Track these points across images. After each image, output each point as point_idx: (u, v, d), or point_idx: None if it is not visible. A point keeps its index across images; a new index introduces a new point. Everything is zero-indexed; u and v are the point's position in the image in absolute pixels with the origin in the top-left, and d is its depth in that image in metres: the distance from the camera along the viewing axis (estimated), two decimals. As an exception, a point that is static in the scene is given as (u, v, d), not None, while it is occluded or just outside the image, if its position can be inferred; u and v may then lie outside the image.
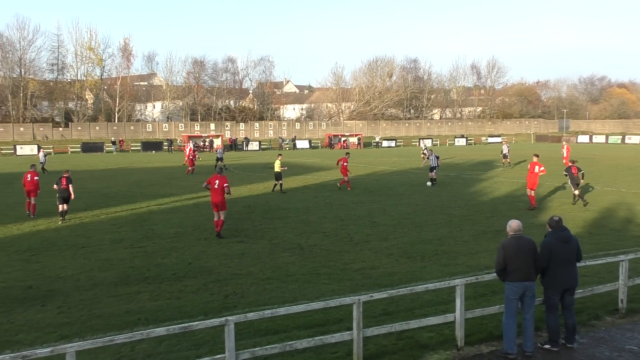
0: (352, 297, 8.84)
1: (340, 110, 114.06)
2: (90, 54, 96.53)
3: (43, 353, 7.03)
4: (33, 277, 13.79)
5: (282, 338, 9.50)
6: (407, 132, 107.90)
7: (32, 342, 9.70)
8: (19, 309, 11.49)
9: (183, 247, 17.05)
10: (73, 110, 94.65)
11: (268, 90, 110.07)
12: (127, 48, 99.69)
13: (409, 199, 27.01)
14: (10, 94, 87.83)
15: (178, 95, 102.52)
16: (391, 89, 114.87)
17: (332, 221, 21.14)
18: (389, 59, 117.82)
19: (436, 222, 20.88)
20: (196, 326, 8.02)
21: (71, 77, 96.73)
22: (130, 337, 7.71)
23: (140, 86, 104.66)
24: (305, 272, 14.17)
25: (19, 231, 19.65)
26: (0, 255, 16.04)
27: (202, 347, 9.38)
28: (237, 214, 22.75)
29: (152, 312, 11.25)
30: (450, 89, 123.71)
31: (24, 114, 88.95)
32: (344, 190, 30.06)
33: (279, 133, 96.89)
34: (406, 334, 9.64)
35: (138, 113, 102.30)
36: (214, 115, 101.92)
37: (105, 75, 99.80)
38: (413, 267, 14.60)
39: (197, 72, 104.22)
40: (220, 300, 11.99)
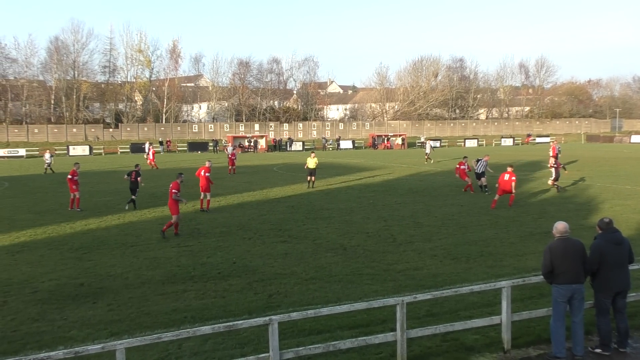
0: (396, 298, 8.80)
1: (384, 111, 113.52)
2: (140, 56, 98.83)
3: (94, 349, 7.27)
4: (85, 275, 14.21)
5: (325, 338, 9.53)
6: (452, 132, 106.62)
7: (84, 338, 9.99)
8: (71, 306, 11.85)
9: (228, 246, 17.27)
10: (123, 111, 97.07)
11: (312, 91, 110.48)
12: (175, 50, 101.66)
13: (453, 199, 26.69)
14: (64, 96, 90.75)
15: (224, 96, 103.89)
16: (436, 89, 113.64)
17: (375, 222, 21.07)
18: (435, 59, 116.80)
19: (481, 223, 20.57)
20: (241, 325, 8.12)
21: (121, 79, 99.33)
22: (177, 335, 7.85)
23: (187, 87, 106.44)
24: (349, 272, 14.16)
25: (71, 230, 20.27)
26: (54, 254, 16.58)
27: (247, 345, 9.49)
28: (281, 214, 22.92)
29: (198, 310, 11.44)
30: (497, 88, 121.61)
31: (77, 115, 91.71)
32: (388, 191, 29.91)
33: (322, 133, 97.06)
34: (451, 335, 9.53)
35: (185, 114, 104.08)
36: (258, 116, 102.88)
37: (153, 77, 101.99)
38: (458, 268, 14.43)
39: (242, 73, 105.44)
40: (264, 299, 12.10)
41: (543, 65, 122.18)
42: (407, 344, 8.66)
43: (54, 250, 16.97)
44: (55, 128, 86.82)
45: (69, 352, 7.22)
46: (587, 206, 23.98)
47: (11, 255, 16.37)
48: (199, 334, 7.96)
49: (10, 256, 16.30)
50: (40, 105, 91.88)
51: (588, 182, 32.58)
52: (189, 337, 9.06)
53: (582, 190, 29.42)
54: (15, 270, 14.72)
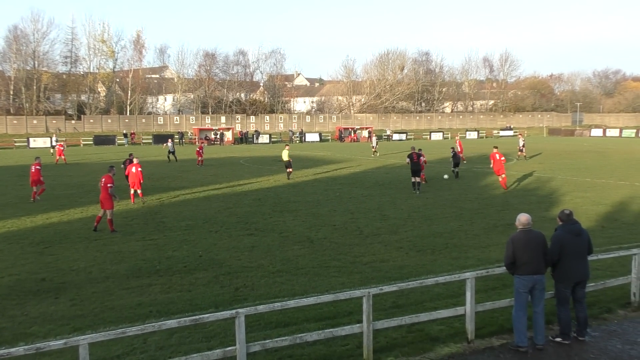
0: (362, 290, 8.86)
1: (351, 103, 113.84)
2: (103, 47, 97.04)
3: (57, 345, 7.13)
4: (46, 270, 13.93)
5: (292, 330, 9.54)
6: (418, 125, 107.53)
7: (45, 334, 9.81)
8: (32, 302, 11.62)
9: (194, 239, 17.14)
10: (85, 102, 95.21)
11: (279, 83, 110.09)
12: (139, 41, 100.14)
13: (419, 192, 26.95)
14: (24, 87, 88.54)
15: (189, 88, 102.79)
16: (402, 82, 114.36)
17: (342, 214, 21.15)
18: (401, 52, 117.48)
19: (447, 215, 20.83)
20: (207, 318, 8.07)
21: (84, 70, 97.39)
22: (142, 329, 7.78)
23: (151, 79, 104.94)
24: (315, 265, 14.20)
25: (32, 224, 19.84)
26: (14, 248, 16.21)
27: (214, 339, 9.45)
28: (248, 207, 22.84)
29: (163, 304, 11.33)
30: (462, 82, 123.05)
31: (38, 106, 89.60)
32: (354, 184, 30.08)
33: (290, 126, 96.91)
34: (416, 326, 9.65)
35: (150, 106, 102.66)
36: (224, 108, 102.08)
37: (117, 68, 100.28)
38: (423, 260, 14.60)
39: (208, 64, 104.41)
40: (231, 292, 12.06)
41: (507, 59, 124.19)
42: (373, 335, 8.72)
43: (14, 245, 16.60)
44: (14, 119, 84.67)
45: (30, 349, 7.07)
46: (549, 198, 24.49)
47: (-31, 250, 15.94)
48: (164, 328, 7.87)
49: (-31, 251, 15.87)
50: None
51: (550, 175, 33.26)
52: (154, 332, 8.96)
53: (544, 182, 30.03)
54: (-26, 265, 14.35)
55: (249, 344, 8.03)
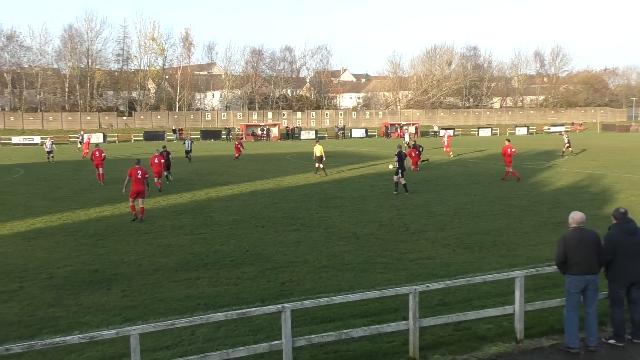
0: (409, 287, 8.80)
1: (398, 99, 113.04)
2: (153, 45, 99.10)
3: (109, 335, 7.34)
4: (99, 261, 14.34)
5: (337, 326, 9.56)
6: (466, 121, 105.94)
7: (98, 323, 10.10)
8: (86, 292, 11.98)
9: (241, 234, 17.34)
10: (136, 99, 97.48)
11: (325, 79, 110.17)
12: (188, 38, 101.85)
13: (466, 189, 26.58)
14: (78, 84, 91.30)
15: (236, 84, 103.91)
16: (450, 77, 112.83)
17: (388, 210, 21.04)
18: (448, 47, 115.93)
19: (495, 212, 20.47)
20: (253, 312, 8.15)
21: (135, 67, 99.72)
22: (190, 321, 7.91)
23: (200, 76, 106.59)
24: (361, 261, 14.18)
25: (86, 216, 20.45)
26: (68, 240, 16.75)
27: (260, 333, 9.54)
28: (294, 203, 22.97)
29: (211, 297, 11.51)
30: (512, 77, 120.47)
31: (91, 103, 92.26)
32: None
33: (336, 122, 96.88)
34: (463, 325, 9.53)
35: (198, 102, 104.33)
36: (271, 104, 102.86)
37: (167, 65, 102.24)
38: (470, 258, 14.39)
39: (255, 61, 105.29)
40: (277, 287, 12.15)
41: (559, 53, 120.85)
42: (419, 332, 8.65)
43: (69, 237, 17.14)
44: (69, 116, 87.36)
45: (84, 337, 7.32)
46: (602, 196, 23.78)
47: (27, 242, 16.56)
48: (212, 320, 8.00)
49: (26, 242, 16.49)
50: (55, 93, 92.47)
51: (603, 172, 32.29)
52: (202, 324, 9.14)
53: (596, 180, 29.18)
54: (31, 256, 14.90)
55: (294, 338, 8.07)
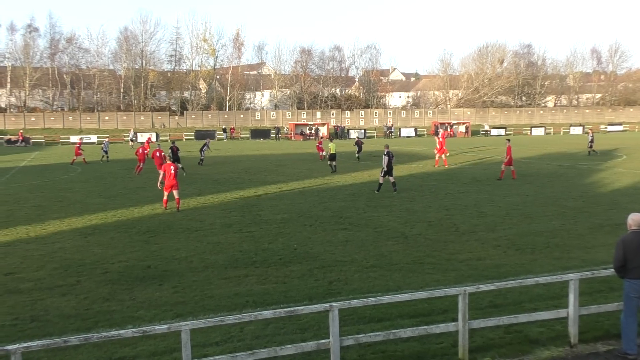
0: (458, 288, 8.68)
1: (448, 98, 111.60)
2: (205, 45, 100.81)
3: (161, 329, 7.53)
4: (151, 258, 14.68)
5: (385, 326, 9.50)
6: (518, 120, 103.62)
7: (151, 318, 10.35)
8: (139, 287, 12.28)
9: (289, 233, 17.45)
10: (188, 99, 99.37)
11: (374, 78, 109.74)
12: (239, 39, 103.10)
13: (518, 189, 26.01)
14: (132, 85, 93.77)
15: (286, 83, 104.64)
16: (502, 76, 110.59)
17: (437, 210, 20.80)
18: (500, 45, 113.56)
19: (548, 213, 19.96)
20: (301, 311, 8.19)
21: (187, 68, 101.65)
22: (239, 318, 8.01)
23: (250, 75, 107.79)
24: (410, 261, 14.06)
25: (139, 214, 20.96)
26: (123, 236, 17.21)
27: (307, 331, 9.58)
28: (342, 202, 22.96)
29: (259, 295, 11.62)
30: (567, 74, 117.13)
31: (144, 103, 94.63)
32: (450, 180, 29.51)
33: (384, 121, 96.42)
34: (515, 327, 9.33)
35: (247, 101, 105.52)
36: (320, 104, 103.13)
37: (217, 65, 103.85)
38: (522, 259, 14.08)
39: (304, 60, 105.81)
40: (325, 286, 12.17)
41: (617, 50, 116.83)
42: (469, 334, 8.53)
43: (123, 233, 17.61)
44: (124, 115, 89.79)
45: (137, 331, 7.53)
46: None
47: (84, 237, 17.10)
48: (260, 318, 8.09)
49: (83, 238, 17.03)
50: (111, 93, 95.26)
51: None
52: (250, 321, 9.23)
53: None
54: (88, 251, 15.38)
55: (342, 337, 8.07)
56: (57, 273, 13.36)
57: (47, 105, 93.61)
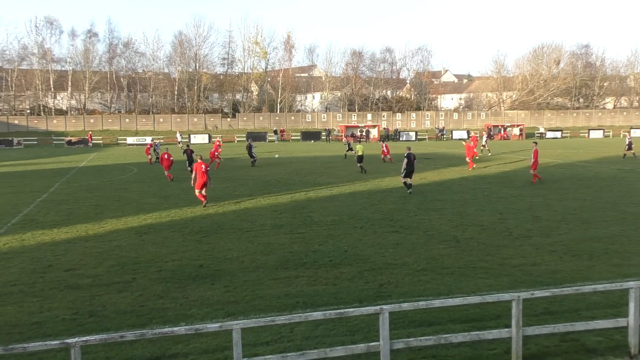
0: (512, 294, 8.51)
1: (501, 100, 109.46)
2: (256, 48, 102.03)
3: (213, 328, 7.66)
4: (204, 257, 14.93)
5: (436, 330, 9.41)
6: (575, 123, 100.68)
7: (203, 316, 10.53)
8: (192, 286, 12.52)
9: (339, 234, 17.45)
10: (240, 101, 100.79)
11: (425, 80, 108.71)
12: (290, 41, 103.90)
13: (575, 193, 25.28)
14: (186, 87, 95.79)
15: (336, 86, 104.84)
16: (558, 77, 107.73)
17: (490, 214, 20.42)
18: (557, 45, 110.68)
19: (606, 219, 19.32)
20: (351, 313, 8.20)
21: (239, 71, 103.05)
22: (290, 319, 8.07)
23: (301, 78, 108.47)
24: (461, 265, 13.85)
25: (192, 214, 21.36)
26: (176, 236, 17.58)
27: (357, 333, 9.56)
28: (392, 204, 22.82)
29: (309, 296, 11.67)
30: (627, 75, 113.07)
31: (198, 105, 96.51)
32: (504, 183, 28.95)
33: (436, 123, 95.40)
34: (571, 336, 9.07)
35: (298, 104, 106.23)
36: (370, 106, 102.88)
37: (269, 67, 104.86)
38: (579, 265, 13.67)
39: (355, 63, 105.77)
40: (375, 288, 12.12)
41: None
42: (522, 341, 8.34)
43: (177, 233, 17.98)
44: (178, 117, 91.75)
45: (190, 329, 7.69)
46: None
47: (139, 236, 17.55)
48: (310, 319, 8.12)
49: (139, 237, 17.48)
50: (165, 96, 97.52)
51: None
52: (300, 322, 9.30)
53: None
54: (143, 250, 15.78)
55: (392, 340, 8.02)
56: (114, 270, 13.77)
57: (105, 107, 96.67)
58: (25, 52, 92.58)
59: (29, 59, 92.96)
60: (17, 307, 11.28)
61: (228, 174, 35.12)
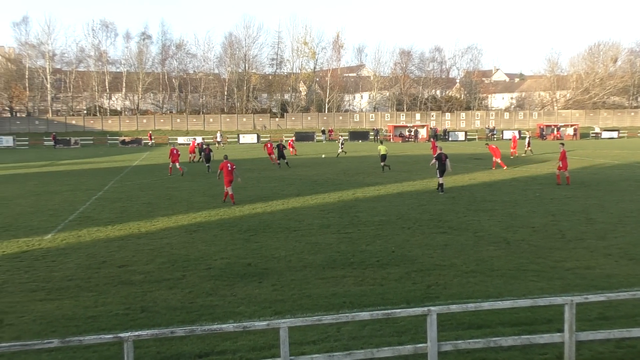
0: (564, 297, 8.28)
1: (555, 99, 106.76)
2: (305, 48, 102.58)
3: (260, 326, 7.74)
4: (252, 256, 15.10)
5: (485, 333, 9.26)
6: (633, 122, 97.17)
7: (250, 314, 10.65)
8: (240, 284, 12.67)
9: (387, 235, 17.36)
10: (288, 101, 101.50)
11: (475, 79, 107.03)
12: (338, 41, 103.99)
13: (632, 195, 24.43)
14: (236, 88, 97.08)
15: (385, 85, 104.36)
16: (615, 75, 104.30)
17: (542, 216, 19.94)
18: (614, 43, 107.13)
19: (666, 222, 18.60)
20: (399, 313, 8.14)
21: (287, 71, 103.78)
22: (337, 318, 8.08)
23: (349, 77, 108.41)
24: (512, 267, 13.58)
25: (240, 213, 21.62)
26: (225, 234, 17.83)
27: (404, 334, 9.49)
28: (441, 205, 22.55)
29: (356, 296, 11.64)
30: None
31: (247, 105, 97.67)
32: (556, 184, 28.23)
33: (486, 123, 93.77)
34: (627, 342, 8.78)
35: (346, 103, 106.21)
36: (419, 105, 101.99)
37: (317, 67, 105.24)
38: (636, 270, 13.20)
39: (404, 62, 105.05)
40: (423, 290, 12.01)
41: None
42: (575, 347, 8.11)
43: (225, 231, 18.23)
44: (227, 117, 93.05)
45: (238, 326, 7.79)
46: None
47: (189, 234, 17.87)
48: (357, 319, 8.11)
49: (188, 235, 17.80)
50: (215, 96, 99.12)
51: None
52: (347, 322, 9.30)
53: None
54: (192, 247, 16.06)
55: (440, 342, 7.94)
56: (165, 267, 14.07)
57: (157, 108, 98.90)
58: (82, 55, 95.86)
59: (86, 61, 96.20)
60: (74, 301, 11.67)
61: (276, 174, 35.40)
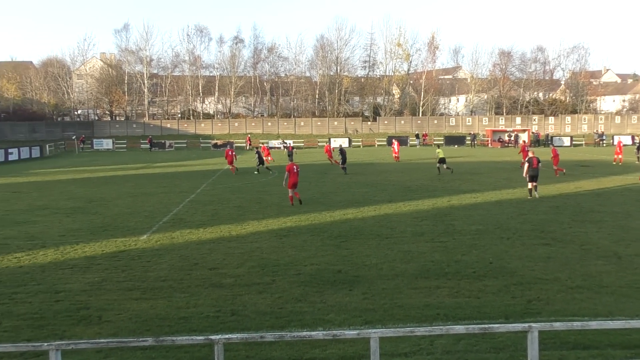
0: (688, 322, 7.43)
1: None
2: (399, 50, 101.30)
3: (350, 335, 7.52)
4: (342, 262, 14.87)
5: (593, 355, 8.60)
6: None
7: (340, 322, 10.43)
8: (329, 291, 12.48)
9: (484, 245, 16.61)
10: (380, 104, 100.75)
11: (583, 81, 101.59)
12: (433, 42, 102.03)
13: None
14: (327, 91, 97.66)
15: (483, 88, 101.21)
16: None
17: (657, 228, 18.41)
18: None
19: None
20: (497, 329, 7.69)
21: (380, 73, 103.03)
22: (430, 331, 7.74)
23: (444, 80, 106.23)
24: (623, 284, 12.53)
25: (331, 218, 21.48)
26: (315, 240, 17.73)
27: (502, 351, 8.93)
28: (543, 214, 21.38)
29: (451, 308, 11.14)
30: None
31: (338, 109, 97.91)
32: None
33: (594, 127, 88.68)
34: None
35: (442, 107, 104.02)
36: (520, 109, 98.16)
37: (411, 70, 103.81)
38: None
39: (503, 63, 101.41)
40: (523, 304, 11.30)
41: None
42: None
43: (316, 237, 18.13)
44: (318, 121, 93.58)
45: (328, 334, 7.62)
46: None
47: (279, 239, 17.92)
48: (452, 332, 7.72)
49: (279, 239, 17.86)
50: (306, 99, 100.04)
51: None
52: (441, 335, 8.88)
53: None
54: (282, 252, 16.07)
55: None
56: (255, 271, 14.13)
57: (248, 111, 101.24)
58: (177, 60, 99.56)
59: (181, 66, 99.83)
60: (167, 301, 11.92)
61: (368, 179, 35.08)
